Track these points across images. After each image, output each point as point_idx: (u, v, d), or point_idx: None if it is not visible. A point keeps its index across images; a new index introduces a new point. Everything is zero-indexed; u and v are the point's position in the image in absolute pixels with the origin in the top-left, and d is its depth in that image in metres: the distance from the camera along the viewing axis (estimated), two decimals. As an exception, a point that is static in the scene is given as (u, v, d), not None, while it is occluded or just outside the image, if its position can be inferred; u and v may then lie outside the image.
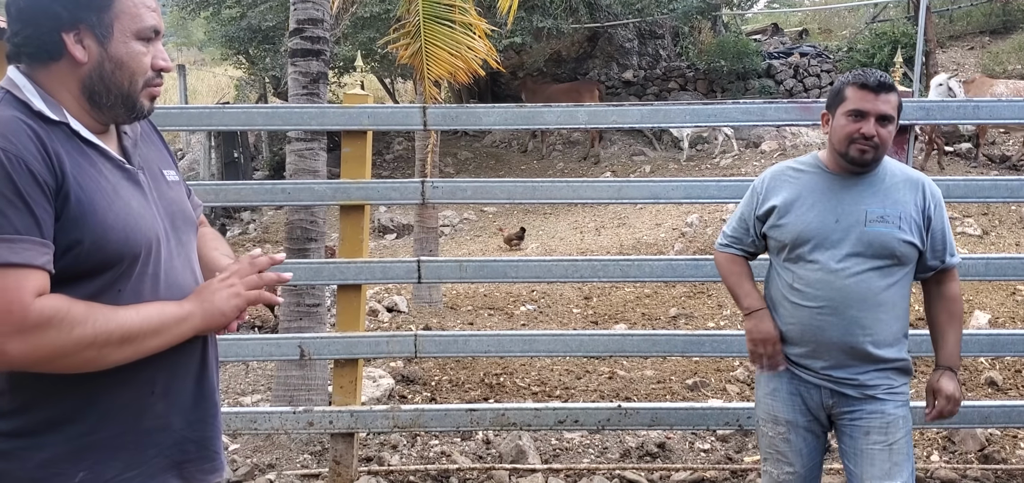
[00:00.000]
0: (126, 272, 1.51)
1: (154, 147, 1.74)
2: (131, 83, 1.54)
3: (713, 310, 7.44)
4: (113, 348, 1.45)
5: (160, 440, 1.61)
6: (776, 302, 2.66)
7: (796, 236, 2.53)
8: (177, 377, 1.62)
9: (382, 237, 13.32)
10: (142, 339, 1.49)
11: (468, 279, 3.71)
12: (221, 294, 1.58)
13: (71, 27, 1.48)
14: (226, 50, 18.80)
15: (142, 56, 1.54)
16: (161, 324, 1.51)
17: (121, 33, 1.51)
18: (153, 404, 1.59)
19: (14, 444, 1.48)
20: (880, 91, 2.44)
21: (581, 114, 3.58)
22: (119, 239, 1.48)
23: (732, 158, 15.03)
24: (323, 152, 4.54)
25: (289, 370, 4.38)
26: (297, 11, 4.50)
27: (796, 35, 22.84)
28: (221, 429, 1.76)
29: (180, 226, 1.67)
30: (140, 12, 1.52)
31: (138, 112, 1.58)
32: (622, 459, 4.19)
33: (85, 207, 1.45)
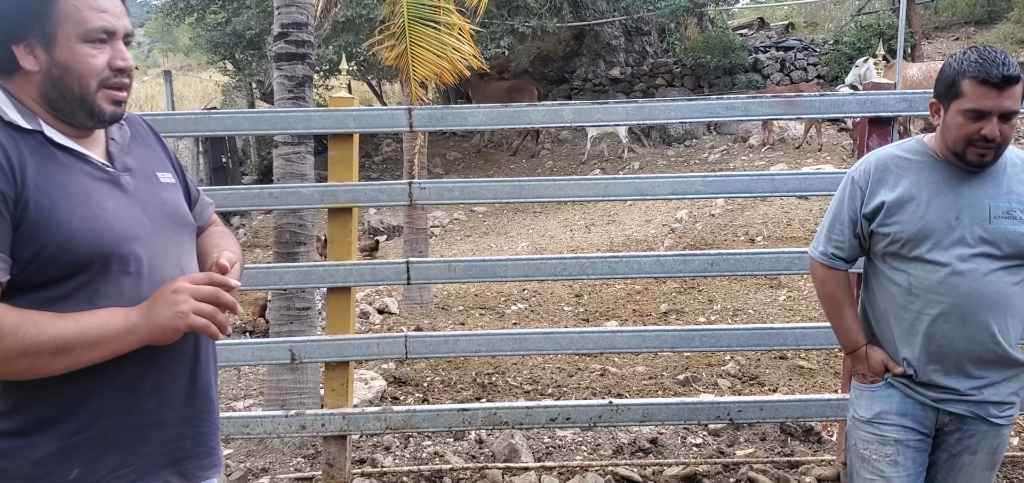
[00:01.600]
0: (100, 273, 1.53)
1: (150, 150, 1.76)
2: (82, 86, 1.55)
3: (703, 305, 7.46)
4: (47, 358, 1.46)
5: (154, 436, 1.63)
6: (883, 312, 2.38)
7: (914, 234, 2.25)
8: (167, 373, 1.63)
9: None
10: (79, 350, 1.48)
11: (457, 279, 3.71)
12: (166, 311, 1.54)
13: (19, 40, 1.53)
14: (212, 55, 18.75)
15: (90, 58, 1.55)
16: (100, 336, 1.50)
17: (65, 38, 1.53)
18: (143, 401, 1.60)
19: (9, 444, 1.52)
20: (1005, 86, 2.11)
21: (566, 112, 3.59)
22: (86, 241, 1.51)
23: (721, 153, 15.08)
24: (310, 155, 4.54)
25: (280, 374, 4.37)
26: (281, 15, 4.49)
27: (782, 29, 22.93)
28: (218, 425, 1.78)
29: (171, 226, 1.69)
30: (84, 15, 1.53)
31: (98, 115, 1.58)
32: (615, 455, 4.20)
33: (46, 213, 1.48)
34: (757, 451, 4.18)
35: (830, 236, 2.44)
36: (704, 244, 9.53)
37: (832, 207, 2.47)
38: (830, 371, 5.54)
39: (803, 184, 3.67)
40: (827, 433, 4.31)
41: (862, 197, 2.36)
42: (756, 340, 3.68)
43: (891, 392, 2.38)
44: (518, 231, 12.42)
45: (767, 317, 6.97)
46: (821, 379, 5.45)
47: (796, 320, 6.74)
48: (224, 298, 1.57)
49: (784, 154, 13.95)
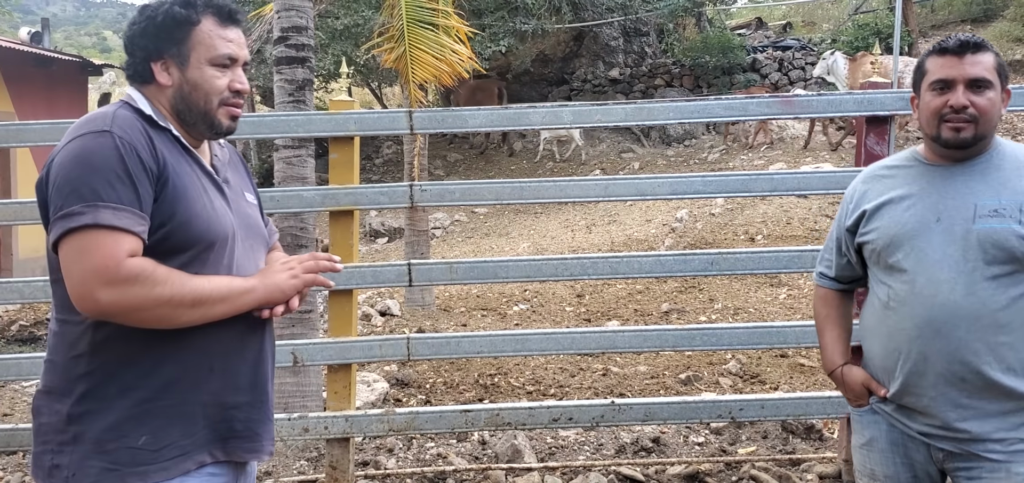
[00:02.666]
0: (202, 255, 1.75)
1: (238, 173, 2.03)
2: (206, 102, 1.81)
3: (705, 304, 7.48)
4: (186, 309, 1.69)
5: (212, 414, 1.80)
6: (867, 327, 2.22)
7: (889, 241, 2.09)
8: (233, 358, 1.83)
9: (373, 241, 13.32)
10: (211, 304, 1.72)
11: (459, 280, 3.72)
12: (281, 274, 1.84)
13: (158, 57, 1.81)
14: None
15: (216, 79, 1.81)
16: (228, 292, 1.74)
17: (197, 61, 1.80)
18: (209, 380, 1.79)
19: (85, 407, 1.70)
20: (964, 51, 2.03)
21: (566, 114, 3.60)
22: (203, 225, 1.75)
23: (720, 153, 15.09)
24: (311, 159, 4.55)
25: (283, 377, 4.38)
26: (281, 19, 4.51)
27: (780, 28, 22.95)
28: (271, 416, 1.96)
29: (253, 235, 1.94)
30: (214, 42, 1.81)
31: (217, 128, 1.85)
32: (617, 455, 4.21)
33: (179, 193, 1.73)
34: (759, 449, 4.19)
35: (822, 255, 2.39)
36: (704, 243, 9.55)
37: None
38: (831, 369, 5.55)
39: (802, 183, 3.68)
40: (829, 430, 4.33)
41: (847, 210, 2.27)
42: (757, 338, 3.69)
43: (877, 418, 2.21)
44: (519, 232, 12.43)
45: (768, 315, 6.98)
46: (822, 377, 5.46)
47: (796, 318, 6.76)
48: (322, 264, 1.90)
49: (783, 153, 13.97)
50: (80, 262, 1.63)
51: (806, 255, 3.55)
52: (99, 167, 1.65)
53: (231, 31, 1.85)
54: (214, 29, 1.82)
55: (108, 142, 1.67)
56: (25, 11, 39.29)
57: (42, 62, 12.88)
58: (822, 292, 2.39)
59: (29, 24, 26.16)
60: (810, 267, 3.64)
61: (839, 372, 2.29)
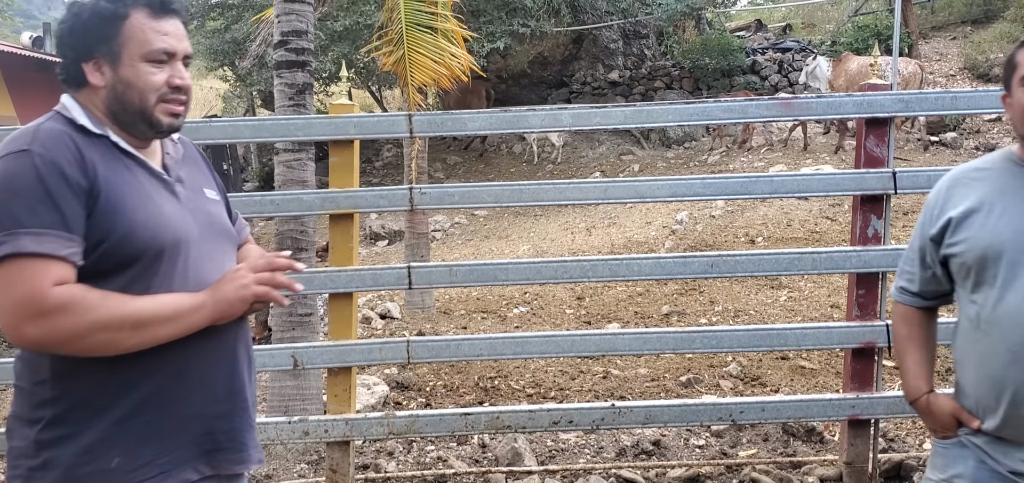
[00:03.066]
0: (153, 266, 1.67)
1: (198, 169, 1.93)
2: (142, 100, 1.71)
3: (705, 306, 7.47)
4: (127, 333, 1.60)
5: (191, 428, 1.73)
6: (959, 353, 2.00)
7: (982, 254, 1.87)
8: (208, 369, 1.75)
9: (374, 244, 13.33)
10: (155, 325, 1.63)
11: (458, 283, 3.71)
12: (231, 286, 1.72)
13: (88, 57, 1.71)
14: (211, 63, 18.80)
15: (151, 76, 1.71)
16: (174, 312, 1.65)
17: (129, 58, 1.70)
18: (184, 394, 1.72)
19: (56, 432, 1.63)
20: None
21: (565, 117, 3.60)
22: (147, 235, 1.65)
23: (720, 155, 15.09)
24: (311, 162, 4.55)
25: (283, 380, 4.39)
26: (281, 23, 4.51)
27: (779, 30, 22.95)
28: (253, 424, 1.88)
29: (216, 236, 1.84)
30: (147, 37, 1.71)
31: (157, 127, 1.74)
32: (618, 458, 4.21)
33: (115, 205, 1.63)
34: (760, 452, 4.19)
35: (903, 267, 2.16)
36: (704, 245, 9.55)
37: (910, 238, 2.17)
38: (832, 371, 5.55)
39: (802, 185, 3.69)
40: (829, 433, 4.32)
41: (931, 217, 2.03)
42: (757, 341, 3.69)
43: (965, 453, 1.98)
44: (519, 234, 12.44)
45: (768, 318, 6.98)
46: (823, 379, 5.46)
47: (797, 320, 6.75)
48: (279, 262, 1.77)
49: (783, 155, 13.97)
50: (3, 295, 1.55)
51: (806, 257, 3.55)
52: (19, 191, 1.56)
53: (166, 23, 1.73)
54: (146, 22, 1.71)
55: (27, 163, 1.57)
56: (27, 16, 39.33)
57: (44, 66, 12.90)
58: (903, 310, 2.16)
59: (31, 29, 26.20)
60: (811, 269, 3.65)
61: (924, 400, 2.07)
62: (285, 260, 1.79)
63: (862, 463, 3.63)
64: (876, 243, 3.48)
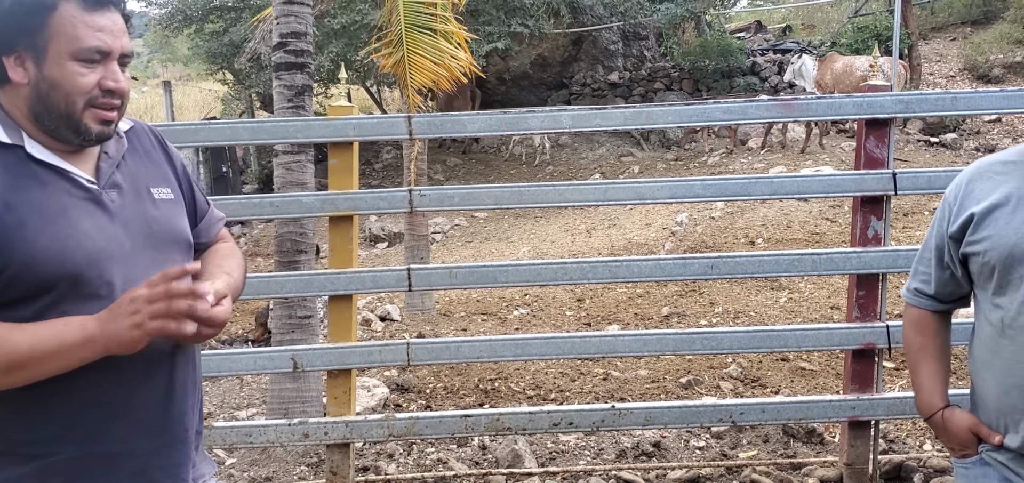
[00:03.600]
0: (67, 295, 1.49)
1: (151, 163, 1.72)
2: (68, 103, 1.51)
3: (705, 308, 7.47)
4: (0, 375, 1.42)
5: (123, 464, 1.56)
6: (978, 360, 1.87)
7: (1008, 253, 1.72)
8: (137, 397, 1.57)
9: (373, 246, 13.32)
10: (33, 365, 1.43)
11: (458, 285, 3.71)
12: (122, 322, 1.45)
13: (9, 51, 1.51)
14: (210, 65, 18.81)
15: (79, 77, 1.51)
16: (56, 348, 1.44)
17: (56, 54, 1.50)
18: (110, 427, 1.54)
19: None
20: None
21: (565, 118, 3.60)
22: (52, 262, 1.47)
23: (720, 156, 15.10)
24: (311, 164, 4.55)
25: (283, 382, 4.38)
26: (280, 25, 4.51)
27: (779, 31, 22.97)
28: (190, 455, 1.69)
29: (157, 246, 1.63)
30: (78, 32, 1.50)
31: (84, 134, 1.54)
32: (618, 459, 4.21)
33: (13, 231, 1.45)
34: (760, 453, 4.18)
35: (917, 267, 2.01)
36: (704, 247, 9.55)
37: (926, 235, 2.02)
38: (832, 372, 5.55)
39: (801, 186, 3.69)
40: (830, 434, 4.32)
41: (950, 213, 1.88)
42: (757, 342, 3.69)
43: (987, 471, 1.84)
44: (519, 236, 12.43)
45: (768, 319, 6.97)
46: (823, 380, 5.45)
47: (797, 322, 6.75)
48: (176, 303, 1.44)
49: (783, 156, 13.97)
50: None
51: (806, 259, 3.55)
52: None
53: (101, 17, 1.52)
54: (78, 15, 1.50)
55: None
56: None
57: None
58: (916, 314, 2.00)
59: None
60: (811, 270, 3.65)
61: (940, 417, 1.92)
62: (177, 269, 1.46)
63: (862, 464, 3.63)
64: (876, 244, 3.48)
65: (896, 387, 5.13)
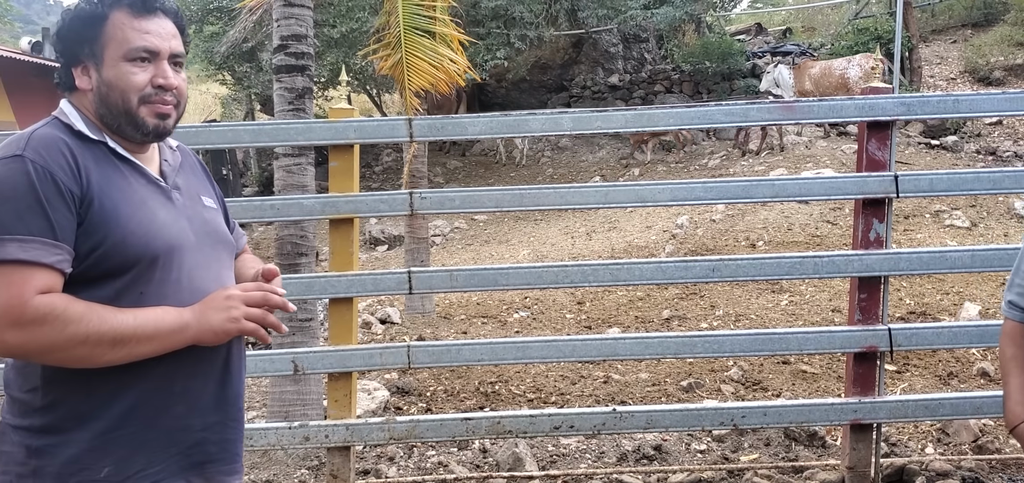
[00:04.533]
0: (146, 274, 1.65)
1: (196, 177, 1.92)
2: (124, 100, 1.68)
3: (706, 311, 7.46)
4: (105, 348, 1.58)
5: (181, 439, 1.71)
6: None
7: None
8: (197, 379, 1.73)
9: (373, 249, 13.30)
10: (135, 343, 1.60)
11: (459, 288, 3.71)
12: (219, 316, 1.67)
13: (76, 61, 1.71)
14: (209, 67, 18.82)
15: (132, 76, 1.68)
16: (155, 331, 1.62)
17: (111, 58, 1.68)
18: (173, 404, 1.69)
19: (45, 440, 1.62)
20: None
21: (566, 120, 3.59)
22: (140, 243, 1.64)
23: (720, 159, 15.09)
24: (311, 167, 4.54)
25: (283, 385, 4.37)
26: (281, 27, 4.51)
27: (780, 34, 22.97)
28: (242, 434, 1.87)
29: (213, 243, 1.82)
30: (127, 36, 1.68)
31: (143, 129, 1.71)
32: (619, 462, 4.20)
33: (108, 213, 1.62)
34: (761, 456, 4.17)
35: (1013, 279, 1.99)
36: (705, 250, 9.53)
37: None
38: (833, 375, 5.54)
39: (803, 189, 3.68)
40: (831, 437, 4.31)
41: None
42: (759, 345, 3.69)
43: None
44: (519, 239, 12.42)
45: (769, 322, 6.96)
46: (824, 383, 5.44)
47: (798, 325, 6.74)
48: (273, 300, 1.71)
49: (784, 159, 13.97)
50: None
51: (808, 261, 3.54)
52: (8, 196, 1.56)
53: (149, 22, 1.70)
54: (127, 21, 1.68)
55: (20, 168, 1.57)
56: (26, 21, 39.39)
57: (43, 72, 12.90)
58: (1011, 326, 1.98)
59: (30, 34, 26.21)
60: (812, 273, 3.64)
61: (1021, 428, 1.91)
62: (280, 299, 1.72)
63: (864, 468, 3.62)
64: (878, 247, 3.47)
65: (898, 390, 5.12)
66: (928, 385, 5.20)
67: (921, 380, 5.29)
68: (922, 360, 5.59)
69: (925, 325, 4.04)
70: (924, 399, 3.61)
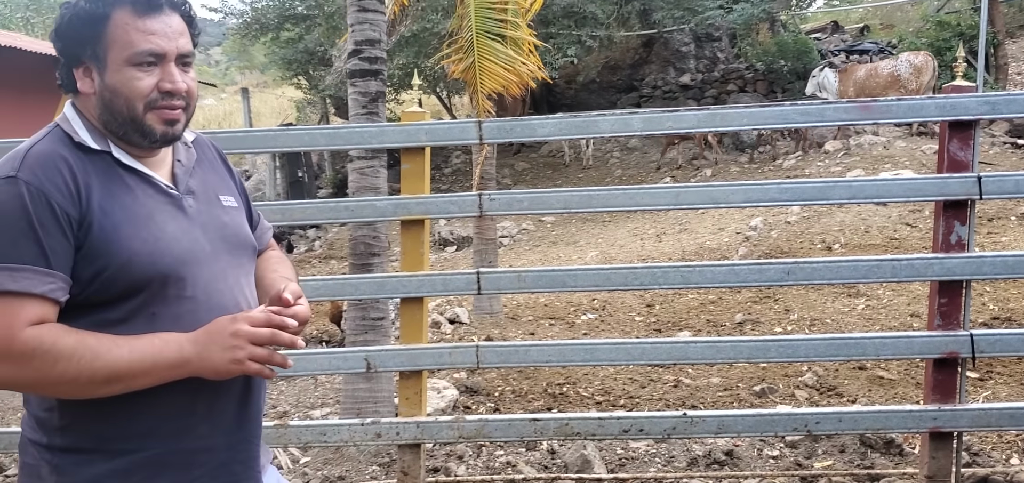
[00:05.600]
0: (158, 295, 1.56)
1: (215, 174, 1.80)
2: (129, 107, 1.57)
3: (780, 315, 7.32)
4: (99, 385, 1.49)
5: (204, 461, 1.63)
6: None
7: None
8: (220, 399, 1.64)
9: (442, 250, 13.43)
10: (131, 379, 1.51)
11: (527, 289, 3.72)
12: (222, 355, 1.53)
13: (78, 63, 1.59)
14: (286, 72, 19.25)
15: (136, 81, 1.56)
16: (152, 366, 1.51)
17: (114, 62, 1.56)
18: (196, 425, 1.61)
19: (65, 459, 1.56)
20: None
21: (636, 121, 3.57)
22: (145, 263, 1.53)
23: (796, 159, 14.79)
24: (384, 169, 4.62)
25: (356, 383, 4.45)
26: (355, 33, 4.59)
27: (857, 32, 22.39)
28: (261, 449, 1.77)
29: (230, 250, 1.70)
30: (131, 38, 1.55)
31: (151, 136, 1.60)
32: (689, 467, 4.16)
33: (109, 234, 1.52)
34: (836, 463, 4.08)
35: None
36: (779, 252, 9.36)
37: None
38: (911, 382, 5.38)
39: (881, 191, 3.58)
40: (909, 445, 4.19)
41: None
42: (834, 350, 3.60)
43: None
44: (586, 240, 12.39)
45: (845, 327, 6.80)
46: (902, 390, 5.29)
47: (875, 329, 6.57)
48: (283, 339, 1.55)
49: (860, 160, 13.62)
50: None
51: (886, 265, 3.45)
52: (0, 223, 1.47)
53: (153, 21, 1.56)
54: (130, 21, 1.55)
55: (12, 191, 1.47)
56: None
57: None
58: None
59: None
60: (890, 277, 3.55)
61: None
62: (289, 337, 1.55)
63: (944, 477, 3.51)
64: (960, 250, 3.36)
65: (980, 398, 4.95)
66: (1013, 394, 5.02)
67: (1006, 388, 5.11)
68: (1007, 367, 5.39)
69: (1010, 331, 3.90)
70: (1009, 408, 3.48)
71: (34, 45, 12.44)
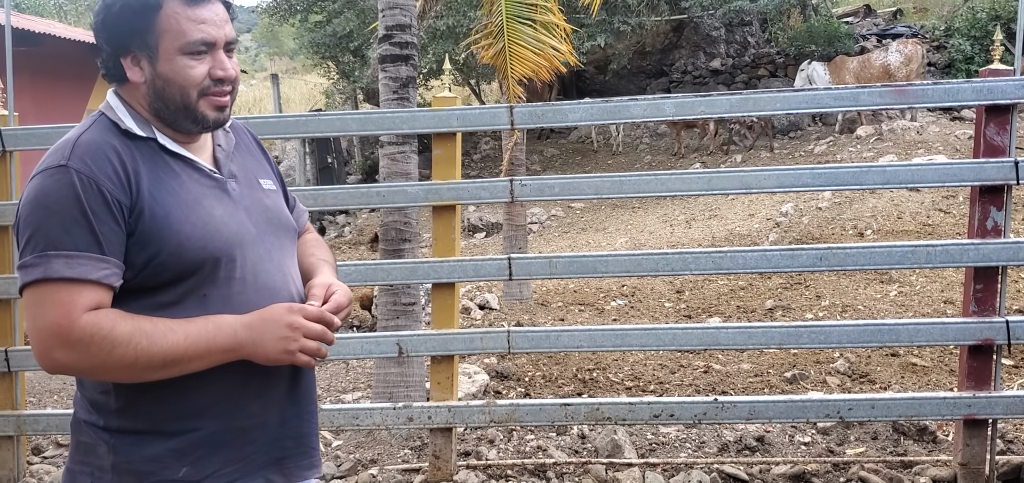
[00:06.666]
0: (209, 277, 1.60)
1: (253, 158, 1.83)
2: (183, 95, 1.60)
3: (811, 301, 7.28)
4: (155, 369, 1.53)
5: (258, 437, 1.67)
6: None
7: None
8: (271, 376, 1.67)
9: (471, 236, 13.47)
10: (186, 362, 1.55)
11: (558, 275, 3.74)
12: (275, 345, 1.59)
13: (126, 53, 1.61)
14: (314, 57, 19.33)
15: (190, 69, 1.60)
16: (207, 350, 1.55)
17: (166, 52, 1.59)
18: (248, 403, 1.66)
19: (121, 440, 1.60)
20: None
21: (668, 106, 3.57)
22: (197, 247, 1.57)
23: (827, 145, 14.64)
24: (414, 155, 4.64)
25: (388, 367, 4.50)
26: (386, 18, 4.61)
27: (890, 15, 22.05)
28: (317, 426, 1.82)
29: (274, 231, 1.74)
30: (183, 28, 1.58)
31: (203, 122, 1.64)
32: (720, 453, 4.15)
33: (160, 221, 1.55)
34: (868, 450, 4.06)
35: None
36: (811, 238, 9.28)
37: None
38: (945, 369, 5.33)
39: (915, 176, 3.54)
40: (943, 432, 4.16)
41: None
42: (867, 336, 3.58)
43: None
44: (616, 227, 12.36)
45: (878, 313, 6.74)
46: (936, 377, 5.25)
47: (908, 316, 6.50)
48: (330, 337, 1.63)
49: (893, 145, 13.45)
50: (34, 320, 1.51)
51: (920, 250, 3.43)
52: (54, 210, 1.49)
53: (202, 10, 1.60)
54: (181, 11, 1.58)
55: (64, 180, 1.50)
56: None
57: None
58: None
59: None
60: (924, 263, 3.52)
61: None
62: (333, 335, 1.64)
63: (978, 465, 3.49)
64: (996, 236, 3.33)
65: (1015, 385, 4.89)
66: (1050, 382, 4.95)
67: (1042, 376, 5.04)
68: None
69: (1048, 318, 3.85)
70: (1045, 396, 3.44)
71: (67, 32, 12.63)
